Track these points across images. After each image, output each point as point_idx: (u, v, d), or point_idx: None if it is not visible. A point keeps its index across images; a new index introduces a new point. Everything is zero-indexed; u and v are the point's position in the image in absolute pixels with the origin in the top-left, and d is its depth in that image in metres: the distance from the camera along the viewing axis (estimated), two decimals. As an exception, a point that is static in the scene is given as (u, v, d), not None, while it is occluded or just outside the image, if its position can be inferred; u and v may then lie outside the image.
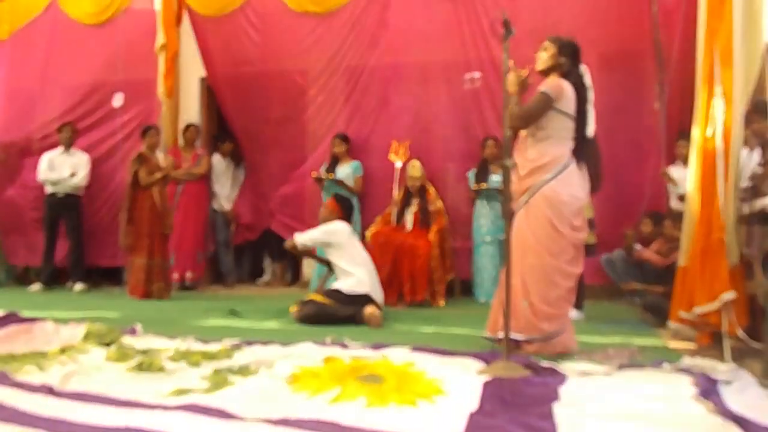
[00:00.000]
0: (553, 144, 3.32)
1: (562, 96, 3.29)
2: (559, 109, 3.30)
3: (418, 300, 5.40)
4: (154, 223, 5.98)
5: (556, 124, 3.32)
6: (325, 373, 2.77)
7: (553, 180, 3.28)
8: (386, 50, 6.44)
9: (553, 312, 3.29)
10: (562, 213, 3.28)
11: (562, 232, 3.28)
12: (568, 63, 3.41)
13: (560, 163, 3.29)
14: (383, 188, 6.28)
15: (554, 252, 3.29)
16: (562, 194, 3.27)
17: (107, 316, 4.55)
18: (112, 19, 7.20)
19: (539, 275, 3.27)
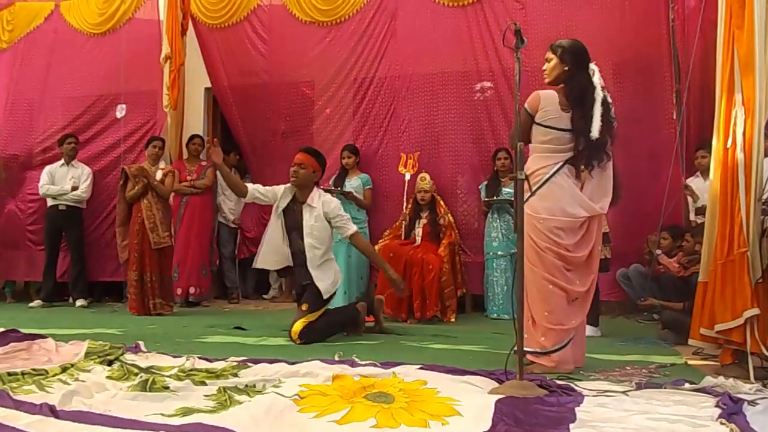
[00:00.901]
0: (535, 158, 3.31)
1: (538, 108, 3.27)
2: (538, 122, 3.28)
3: (428, 315, 5.30)
4: (144, 238, 5.91)
5: (539, 137, 3.30)
6: (333, 392, 2.69)
7: (531, 198, 3.24)
8: (395, 61, 6.42)
9: (549, 327, 3.23)
10: (539, 230, 3.23)
11: (542, 248, 3.23)
12: (572, 68, 3.33)
13: (539, 178, 3.25)
14: (392, 201, 6.23)
15: (539, 266, 3.25)
16: (540, 211, 3.23)
17: (109, 333, 4.48)
18: (115, 29, 7.20)
19: (533, 290, 3.25)
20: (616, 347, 4.11)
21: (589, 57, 3.38)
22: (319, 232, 4.35)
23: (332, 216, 4.38)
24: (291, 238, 4.41)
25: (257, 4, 6.89)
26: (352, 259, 6.20)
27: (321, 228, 4.36)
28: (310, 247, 4.33)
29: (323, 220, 4.36)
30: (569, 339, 3.27)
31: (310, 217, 4.35)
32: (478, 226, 6.06)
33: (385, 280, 5.44)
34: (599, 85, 3.33)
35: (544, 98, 3.30)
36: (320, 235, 4.36)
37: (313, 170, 4.41)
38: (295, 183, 4.38)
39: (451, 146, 6.23)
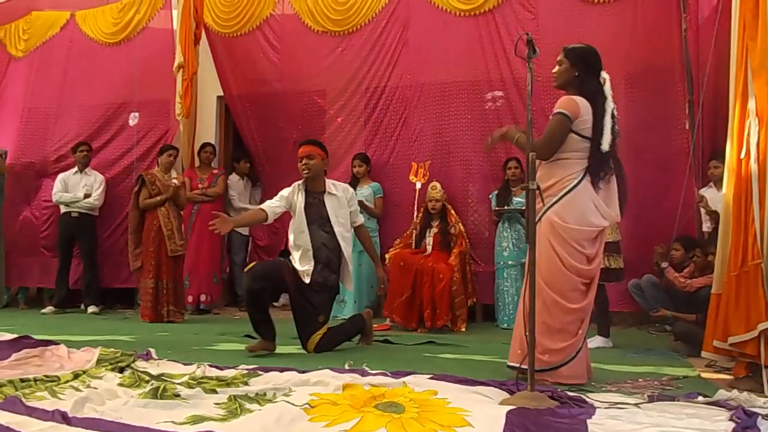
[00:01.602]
0: (560, 165, 3.18)
1: (579, 115, 3.15)
2: (573, 130, 3.16)
3: (438, 325, 5.28)
4: (161, 245, 5.94)
5: (568, 146, 3.18)
6: (343, 401, 2.68)
7: (556, 205, 3.14)
8: (406, 70, 6.44)
9: (550, 346, 3.15)
10: (565, 241, 3.13)
11: (565, 261, 3.12)
12: (584, 74, 3.27)
13: (565, 186, 3.15)
14: (403, 210, 6.23)
15: (552, 283, 3.14)
16: (567, 220, 3.13)
17: (121, 340, 4.50)
18: (129, 39, 7.27)
19: (539, 305, 3.06)
20: (628, 358, 4.07)
21: (601, 64, 3.32)
22: (345, 219, 4.34)
23: (353, 201, 4.42)
24: (311, 232, 4.25)
25: (270, 14, 6.94)
26: (362, 269, 6.20)
27: (345, 215, 4.35)
28: (341, 236, 4.29)
29: (346, 206, 4.35)
30: (576, 352, 3.21)
31: (334, 204, 4.31)
32: (488, 236, 6.04)
33: (394, 288, 5.46)
34: (610, 95, 3.28)
35: (582, 105, 3.16)
36: (346, 222, 4.36)
37: (321, 159, 4.36)
38: (309, 175, 4.30)
39: (462, 155, 6.23)
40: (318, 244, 4.23)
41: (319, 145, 4.47)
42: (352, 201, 4.42)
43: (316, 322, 4.17)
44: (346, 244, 4.32)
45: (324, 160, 4.39)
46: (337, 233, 4.27)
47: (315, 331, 4.13)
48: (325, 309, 4.26)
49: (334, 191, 4.34)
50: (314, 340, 4.10)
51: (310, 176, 4.30)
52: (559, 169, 3.19)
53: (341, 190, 4.39)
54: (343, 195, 4.36)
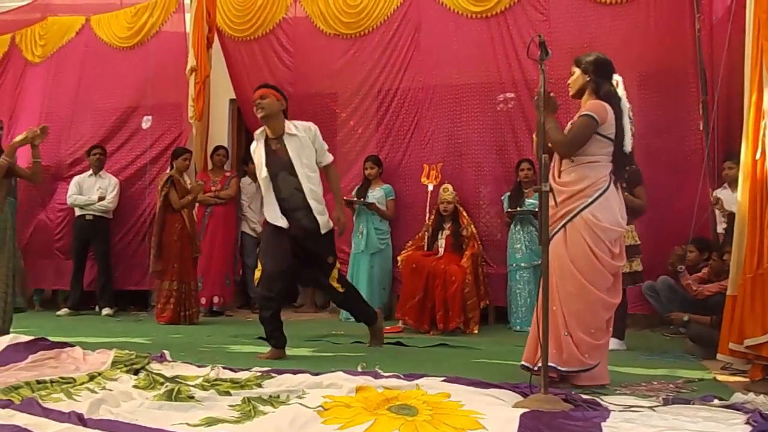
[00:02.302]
0: (592, 168, 3.23)
1: (606, 119, 3.21)
2: (601, 134, 3.21)
3: (451, 327, 5.27)
4: (185, 247, 5.97)
5: (597, 149, 3.23)
6: (357, 404, 2.68)
7: (592, 205, 3.18)
8: (418, 72, 6.43)
9: (594, 343, 3.17)
10: (600, 239, 3.17)
11: (601, 259, 3.17)
12: (597, 79, 3.32)
13: (599, 187, 3.20)
14: (415, 212, 6.23)
15: (594, 281, 3.18)
16: (602, 220, 3.17)
17: (135, 342, 4.53)
18: (143, 42, 7.31)
19: (580, 305, 3.16)
20: (643, 361, 4.05)
21: (613, 68, 3.37)
22: (309, 159, 4.12)
23: (317, 139, 4.19)
24: (278, 183, 4.09)
25: (282, 17, 6.95)
26: (374, 270, 6.21)
27: (310, 155, 4.13)
28: (305, 177, 4.07)
29: (310, 146, 4.13)
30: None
31: (296, 145, 4.09)
32: (500, 238, 6.03)
33: (407, 290, 5.46)
34: (624, 96, 3.33)
35: (610, 111, 3.23)
36: (310, 162, 4.13)
37: (276, 99, 4.12)
38: (263, 114, 4.07)
39: (474, 157, 6.22)
40: (291, 191, 4.07)
41: (273, 87, 4.28)
42: (317, 139, 4.19)
43: (327, 265, 4.20)
44: (310, 185, 4.09)
45: (280, 101, 4.14)
46: (300, 174, 4.06)
47: (331, 270, 4.21)
48: (327, 249, 4.25)
49: (294, 131, 4.12)
50: (334, 275, 4.22)
51: (264, 116, 4.07)
52: (591, 171, 3.23)
53: (302, 129, 4.16)
54: (306, 135, 4.13)
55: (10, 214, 4.71)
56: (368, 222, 6.27)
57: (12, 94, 7.76)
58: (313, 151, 4.16)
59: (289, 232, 4.11)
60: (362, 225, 6.29)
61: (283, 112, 4.17)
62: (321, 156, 4.24)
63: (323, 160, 4.26)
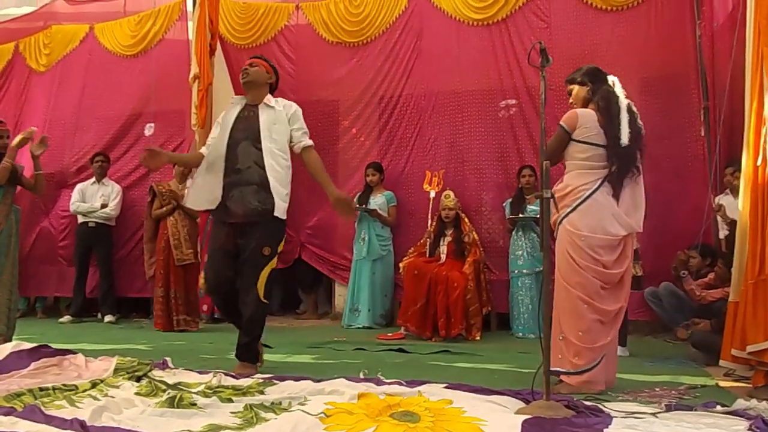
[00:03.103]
0: (575, 175, 3.30)
1: (576, 125, 3.28)
2: (576, 140, 3.28)
3: (453, 334, 5.26)
4: (170, 255, 6.00)
5: (577, 155, 3.30)
6: (359, 410, 2.68)
7: (571, 214, 3.24)
8: (421, 80, 6.46)
9: (582, 346, 3.20)
10: (579, 247, 3.21)
11: (584, 267, 3.21)
12: (594, 85, 3.40)
13: (579, 196, 3.24)
14: (417, 219, 6.24)
15: (574, 284, 3.24)
16: (581, 228, 3.21)
17: (137, 349, 4.53)
18: (146, 51, 7.35)
19: (566, 308, 3.23)
20: (645, 367, 4.04)
21: (604, 73, 3.46)
22: (279, 135, 3.67)
23: (296, 119, 3.76)
24: (236, 152, 3.62)
25: (284, 25, 6.99)
26: (376, 277, 6.22)
27: (282, 131, 3.68)
28: (269, 153, 3.60)
29: (285, 122, 3.70)
30: (601, 357, 3.24)
31: (270, 117, 3.68)
32: (502, 244, 6.03)
33: (408, 297, 5.45)
34: (622, 93, 3.38)
35: (581, 116, 3.31)
36: (281, 138, 3.67)
37: (265, 70, 3.82)
38: (247, 80, 3.75)
39: (476, 164, 6.23)
40: (249, 163, 3.59)
41: (267, 61, 3.96)
42: (296, 119, 3.75)
43: (260, 258, 3.52)
44: (272, 161, 3.60)
45: (269, 73, 3.84)
46: (265, 149, 3.60)
47: (261, 268, 3.52)
48: (269, 239, 3.60)
49: (273, 104, 3.75)
50: (263, 278, 3.51)
51: (247, 81, 3.75)
52: (574, 178, 3.29)
53: (283, 105, 3.79)
54: (284, 110, 3.74)
55: (15, 222, 4.74)
56: (370, 228, 6.27)
57: (17, 102, 7.80)
58: (286, 129, 3.71)
59: (229, 221, 3.63)
60: (364, 231, 6.29)
61: (270, 86, 3.86)
62: (297, 138, 3.75)
63: (299, 142, 3.74)
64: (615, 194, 3.27)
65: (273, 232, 3.63)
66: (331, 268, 6.83)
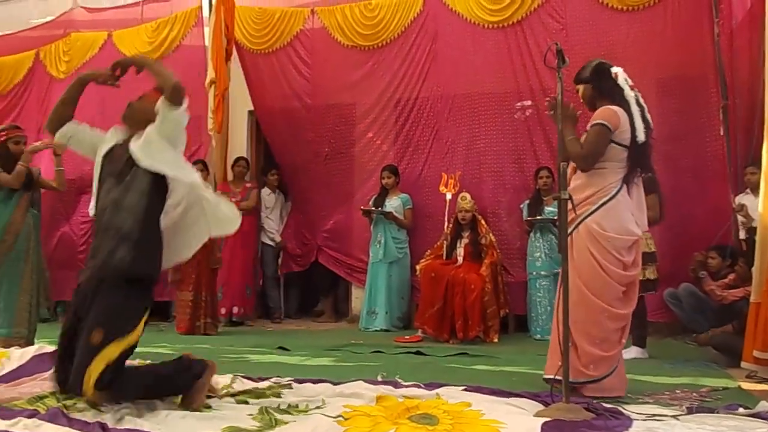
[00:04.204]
0: (599, 175, 3.16)
1: (619, 125, 3.13)
2: (614, 141, 3.14)
3: (470, 336, 5.26)
4: (201, 258, 6.00)
5: (608, 156, 3.16)
6: (377, 413, 2.69)
7: (595, 213, 3.12)
8: (436, 83, 6.46)
9: (599, 354, 3.11)
10: (606, 249, 3.10)
11: (608, 270, 3.10)
12: (599, 82, 3.28)
13: (605, 195, 3.13)
14: (434, 221, 6.23)
15: (597, 291, 3.11)
16: (606, 229, 3.10)
17: (157, 352, 4.56)
18: (164, 57, 7.38)
19: (583, 315, 3.07)
20: (665, 369, 4.00)
21: (608, 65, 3.31)
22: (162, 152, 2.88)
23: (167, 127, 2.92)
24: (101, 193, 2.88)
25: (300, 30, 7.01)
26: (393, 279, 6.23)
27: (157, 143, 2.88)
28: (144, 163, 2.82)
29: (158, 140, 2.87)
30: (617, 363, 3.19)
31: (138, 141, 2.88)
32: (519, 246, 6.01)
33: (426, 299, 5.45)
34: (627, 85, 3.24)
35: (622, 116, 3.15)
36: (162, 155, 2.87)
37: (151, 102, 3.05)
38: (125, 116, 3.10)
39: (493, 166, 6.22)
40: (105, 205, 2.81)
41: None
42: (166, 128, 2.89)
43: (90, 347, 2.49)
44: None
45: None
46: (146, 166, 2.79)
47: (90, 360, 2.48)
48: (105, 316, 2.60)
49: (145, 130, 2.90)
50: (91, 374, 2.47)
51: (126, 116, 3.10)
52: (597, 178, 3.16)
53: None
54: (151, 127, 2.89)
55: (33, 226, 4.79)
56: (386, 231, 6.28)
57: (38, 109, 7.88)
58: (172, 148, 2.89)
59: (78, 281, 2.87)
60: (380, 234, 6.31)
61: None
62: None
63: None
64: (629, 193, 3.18)
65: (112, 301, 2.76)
66: (348, 271, 6.86)
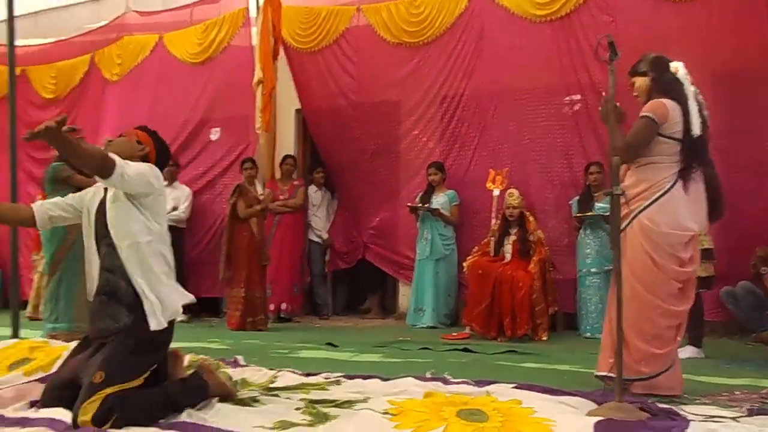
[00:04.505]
0: (652, 169, 3.10)
1: (668, 118, 3.06)
2: (664, 134, 3.07)
3: (519, 334, 5.21)
4: (252, 255, 6.10)
5: (659, 150, 3.09)
6: (426, 409, 2.68)
7: (649, 209, 3.06)
8: (483, 78, 6.38)
9: (652, 352, 3.04)
10: (659, 245, 3.04)
11: (662, 266, 3.03)
12: (656, 74, 3.20)
13: (658, 189, 3.06)
14: (480, 218, 6.18)
15: (650, 286, 3.04)
16: (660, 224, 3.03)
17: (208, 347, 4.65)
18: (212, 58, 7.54)
19: (635, 311, 3.01)
20: (722, 370, 3.89)
21: (667, 59, 3.24)
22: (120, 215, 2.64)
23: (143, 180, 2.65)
24: (100, 255, 2.73)
25: (346, 28, 7.05)
26: (440, 276, 6.21)
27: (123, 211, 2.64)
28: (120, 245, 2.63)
29: (122, 198, 2.65)
30: (673, 361, 3.12)
31: (110, 197, 2.69)
32: (567, 243, 5.92)
33: (473, 297, 5.41)
34: (687, 80, 3.17)
35: (671, 108, 3.08)
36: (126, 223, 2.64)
37: (137, 140, 2.89)
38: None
39: (540, 161, 6.13)
40: (102, 267, 2.72)
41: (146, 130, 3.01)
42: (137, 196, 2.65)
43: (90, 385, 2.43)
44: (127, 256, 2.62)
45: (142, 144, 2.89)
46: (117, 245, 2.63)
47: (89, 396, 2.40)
48: (109, 363, 2.49)
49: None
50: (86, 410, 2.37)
51: None
52: (651, 172, 3.10)
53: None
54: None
55: None
56: (432, 228, 6.27)
57: (94, 110, 8.14)
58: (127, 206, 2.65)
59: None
60: (426, 231, 6.29)
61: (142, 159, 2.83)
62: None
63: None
64: (685, 189, 3.09)
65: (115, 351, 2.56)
66: (395, 268, 6.87)
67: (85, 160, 2.48)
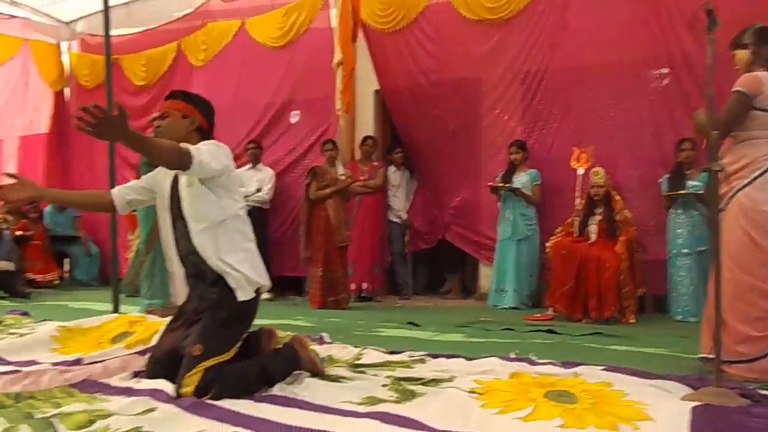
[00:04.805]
0: (751, 146, 2.99)
1: (762, 90, 2.95)
2: (758, 107, 2.96)
3: (605, 316, 5.07)
4: (330, 236, 6.19)
5: (755, 124, 2.98)
6: (513, 389, 2.67)
7: (750, 186, 2.95)
8: (567, 53, 6.19)
9: (750, 334, 2.93)
10: (759, 223, 2.93)
11: (760, 244, 2.92)
12: (757, 47, 3.06)
13: (758, 167, 2.95)
14: (563, 197, 6.02)
15: (747, 267, 2.94)
16: (761, 202, 2.93)
17: (293, 324, 4.78)
18: (293, 41, 7.64)
19: (733, 292, 2.93)
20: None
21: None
22: (195, 199, 2.69)
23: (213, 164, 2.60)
24: (177, 237, 2.80)
25: (425, 6, 6.98)
26: (521, 257, 6.13)
27: (197, 194, 2.68)
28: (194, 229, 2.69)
29: (196, 182, 2.67)
30: None
31: (184, 182, 2.74)
32: (656, 223, 5.71)
33: (558, 278, 5.31)
34: None
35: (765, 81, 2.98)
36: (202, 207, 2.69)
37: (182, 115, 2.85)
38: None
39: (627, 139, 5.90)
40: (184, 251, 2.78)
41: (182, 97, 2.92)
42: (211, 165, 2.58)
43: (190, 358, 2.55)
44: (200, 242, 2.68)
45: (188, 116, 2.86)
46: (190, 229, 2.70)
47: (190, 369, 2.52)
48: (204, 337, 2.60)
49: None
50: (188, 382, 2.50)
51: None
52: (750, 149, 3.00)
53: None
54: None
55: None
56: (514, 208, 6.18)
57: (182, 97, 8.44)
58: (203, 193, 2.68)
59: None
60: (508, 211, 6.22)
61: (197, 131, 2.87)
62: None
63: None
64: None
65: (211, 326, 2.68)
66: (476, 248, 6.82)
67: (162, 158, 2.45)
